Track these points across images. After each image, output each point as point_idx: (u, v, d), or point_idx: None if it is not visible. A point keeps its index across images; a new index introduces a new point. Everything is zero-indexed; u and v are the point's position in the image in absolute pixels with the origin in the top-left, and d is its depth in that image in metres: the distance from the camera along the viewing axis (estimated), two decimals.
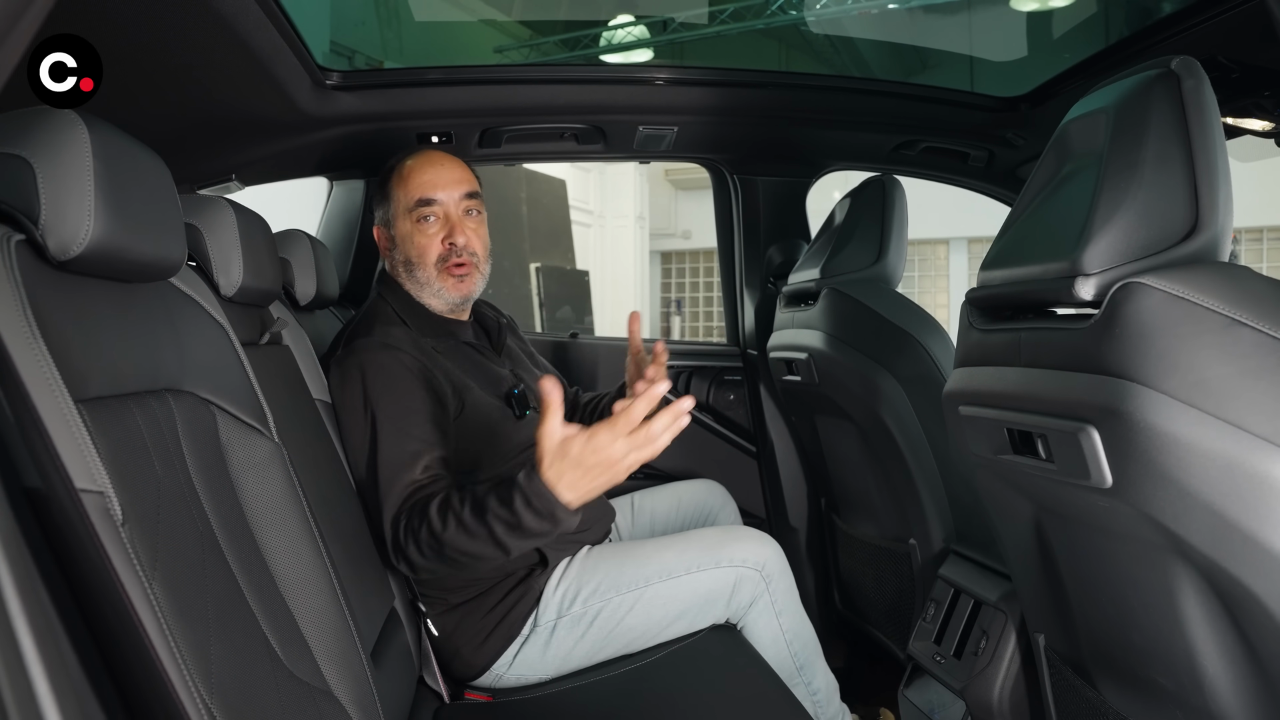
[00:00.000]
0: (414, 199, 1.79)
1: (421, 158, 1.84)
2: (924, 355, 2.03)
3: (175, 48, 1.48)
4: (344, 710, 1.15)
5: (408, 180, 1.81)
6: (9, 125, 0.87)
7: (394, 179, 1.83)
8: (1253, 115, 1.67)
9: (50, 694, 0.58)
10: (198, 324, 1.16)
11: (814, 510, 2.67)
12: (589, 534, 1.84)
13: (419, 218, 1.79)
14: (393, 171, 1.85)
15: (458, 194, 1.81)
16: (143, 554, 0.82)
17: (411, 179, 1.80)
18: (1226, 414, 0.94)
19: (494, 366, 1.86)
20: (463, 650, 1.70)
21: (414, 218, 1.79)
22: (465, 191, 1.82)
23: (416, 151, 1.87)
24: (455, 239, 1.79)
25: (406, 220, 1.80)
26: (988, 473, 1.38)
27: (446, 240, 1.79)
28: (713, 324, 16.02)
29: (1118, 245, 1.05)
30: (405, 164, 1.84)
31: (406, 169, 1.82)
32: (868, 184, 2.31)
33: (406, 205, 1.80)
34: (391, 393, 1.62)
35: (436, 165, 1.82)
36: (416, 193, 1.79)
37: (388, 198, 1.84)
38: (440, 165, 1.82)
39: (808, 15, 9.72)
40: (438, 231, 1.79)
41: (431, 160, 1.83)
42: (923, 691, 1.98)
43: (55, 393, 0.79)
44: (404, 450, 1.58)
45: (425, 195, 1.79)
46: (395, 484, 1.55)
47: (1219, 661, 1.08)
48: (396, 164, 1.86)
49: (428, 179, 1.80)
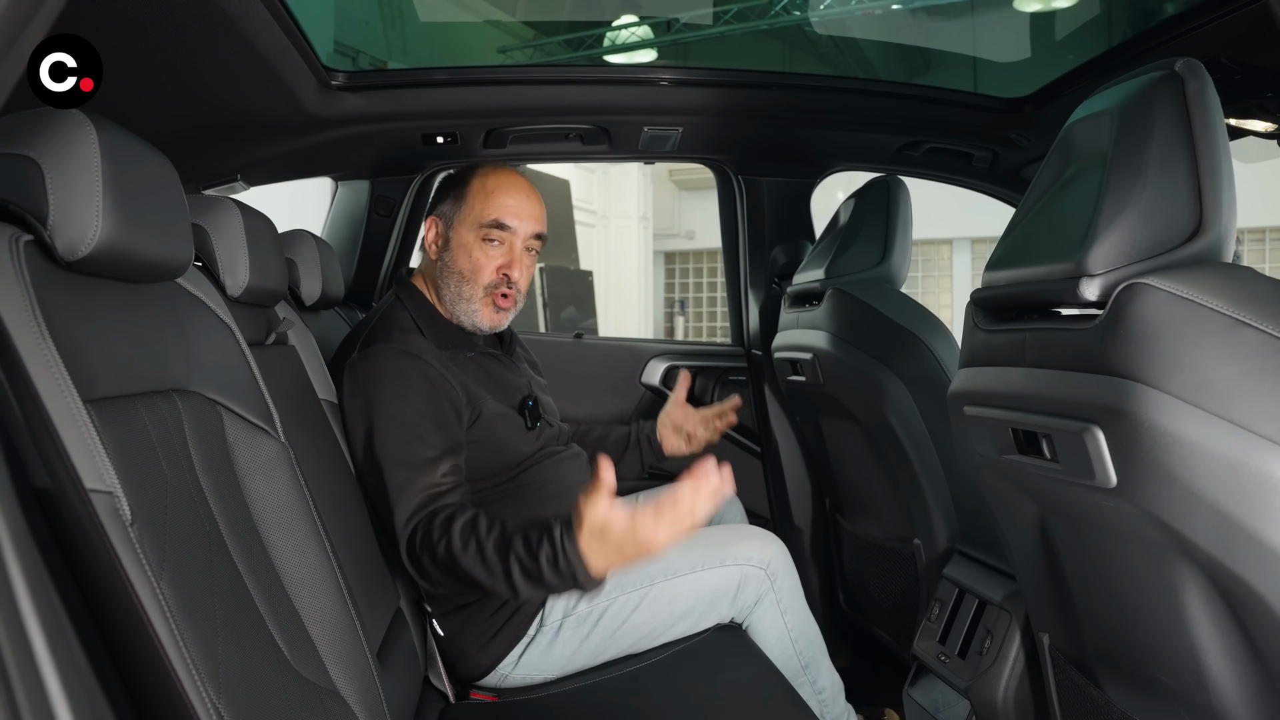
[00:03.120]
0: (490, 217, 1.77)
1: (510, 179, 1.83)
2: (928, 355, 2.03)
3: (181, 48, 1.49)
4: (350, 710, 1.16)
5: (491, 195, 1.79)
6: (16, 126, 0.88)
7: (476, 184, 1.81)
8: (1256, 116, 1.67)
9: (61, 692, 0.58)
10: (204, 324, 1.16)
11: (818, 510, 2.67)
12: None
13: (487, 237, 1.78)
14: (475, 175, 1.83)
15: (530, 230, 1.80)
16: (151, 554, 0.83)
17: (495, 196, 1.79)
18: (1230, 414, 0.94)
19: (509, 376, 1.86)
20: (468, 650, 1.71)
21: (482, 235, 1.78)
22: (536, 231, 1.82)
23: (504, 168, 1.86)
24: (512, 271, 1.79)
25: (473, 233, 1.78)
26: (992, 473, 1.38)
27: (503, 269, 1.78)
28: (716, 324, 16.02)
29: (1122, 246, 1.05)
30: (492, 177, 1.82)
31: (493, 184, 1.81)
32: (872, 184, 2.31)
33: (480, 218, 1.78)
34: (409, 399, 1.62)
35: (523, 195, 1.81)
36: (495, 213, 1.78)
37: (461, 200, 1.81)
38: (526, 196, 1.82)
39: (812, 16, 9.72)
40: (499, 257, 1.79)
41: (519, 187, 1.82)
42: (927, 691, 1.98)
43: (64, 393, 0.80)
44: (420, 455, 1.58)
45: (503, 219, 1.77)
46: (411, 486, 1.55)
47: (1223, 660, 1.08)
48: (482, 170, 1.84)
49: (511, 204, 1.79)
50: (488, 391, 1.76)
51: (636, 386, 2.80)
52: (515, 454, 1.77)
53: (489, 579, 1.42)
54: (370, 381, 1.65)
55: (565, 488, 1.82)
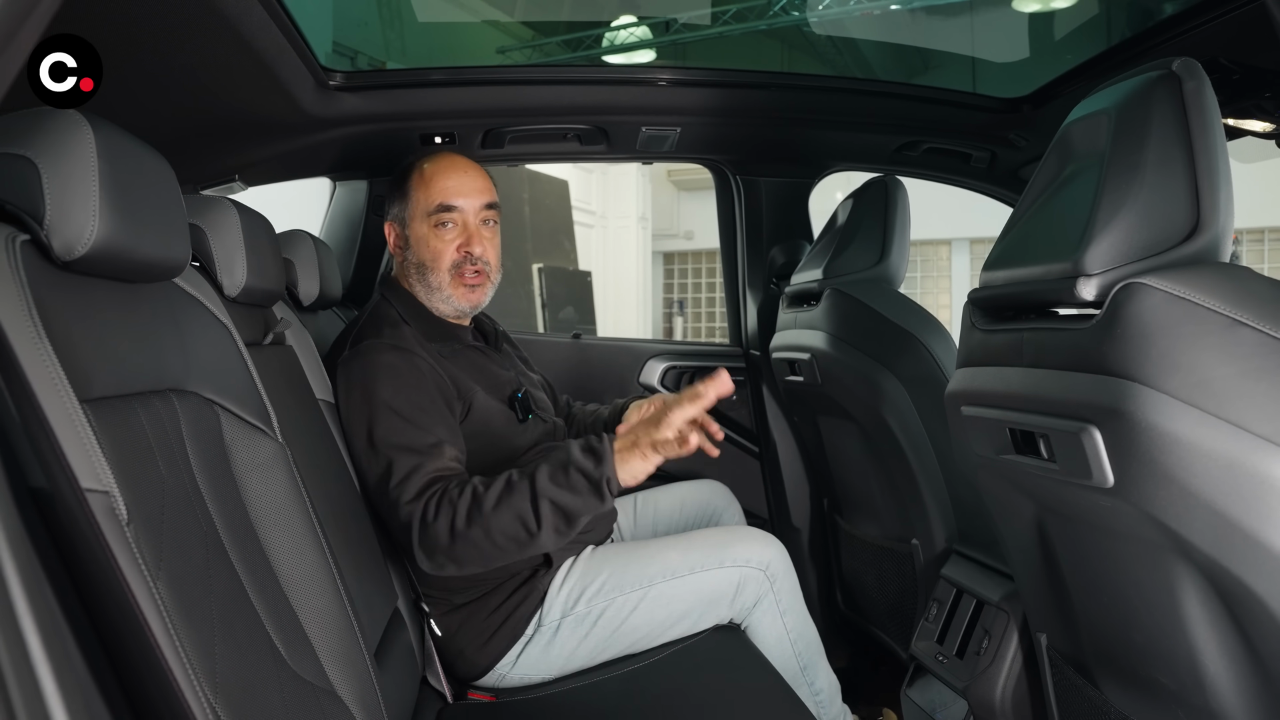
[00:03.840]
0: (435, 203, 1.78)
1: (444, 161, 1.82)
2: (926, 355, 2.03)
3: (179, 49, 1.49)
4: (347, 710, 1.15)
5: (430, 183, 1.79)
6: (13, 126, 0.88)
7: (414, 178, 1.81)
8: (1254, 116, 1.67)
9: (57, 692, 0.58)
10: (201, 324, 1.16)
11: (816, 510, 2.67)
12: (592, 534, 1.84)
13: (438, 223, 1.78)
14: (412, 170, 1.83)
15: (479, 203, 1.80)
16: (148, 553, 0.83)
17: (434, 183, 1.79)
18: (1228, 414, 0.94)
19: (498, 369, 1.86)
20: (466, 650, 1.71)
21: (432, 222, 1.78)
22: (486, 201, 1.81)
23: (437, 153, 1.85)
24: (472, 248, 1.79)
25: (424, 223, 1.79)
26: (990, 473, 1.38)
27: (463, 248, 1.79)
28: (715, 325, 16.02)
29: (1119, 246, 1.05)
30: (427, 165, 1.82)
31: (429, 171, 1.81)
32: (870, 185, 2.32)
33: (426, 208, 1.78)
34: (405, 392, 1.63)
35: (460, 172, 1.81)
36: (438, 197, 1.78)
37: (405, 196, 1.82)
38: (464, 172, 1.81)
39: (810, 16, 9.71)
40: (455, 238, 1.79)
41: (455, 166, 1.82)
42: (925, 691, 1.98)
43: (60, 393, 0.80)
44: (425, 441, 1.58)
45: (446, 201, 1.78)
46: (420, 470, 1.55)
47: (1220, 661, 1.08)
48: (417, 163, 1.84)
49: (451, 185, 1.79)
50: (477, 383, 1.76)
51: (635, 387, 2.80)
52: (510, 448, 1.77)
53: (514, 512, 1.48)
54: (364, 376, 1.65)
55: None
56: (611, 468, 1.48)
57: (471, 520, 1.48)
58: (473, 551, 1.51)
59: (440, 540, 1.50)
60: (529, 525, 1.48)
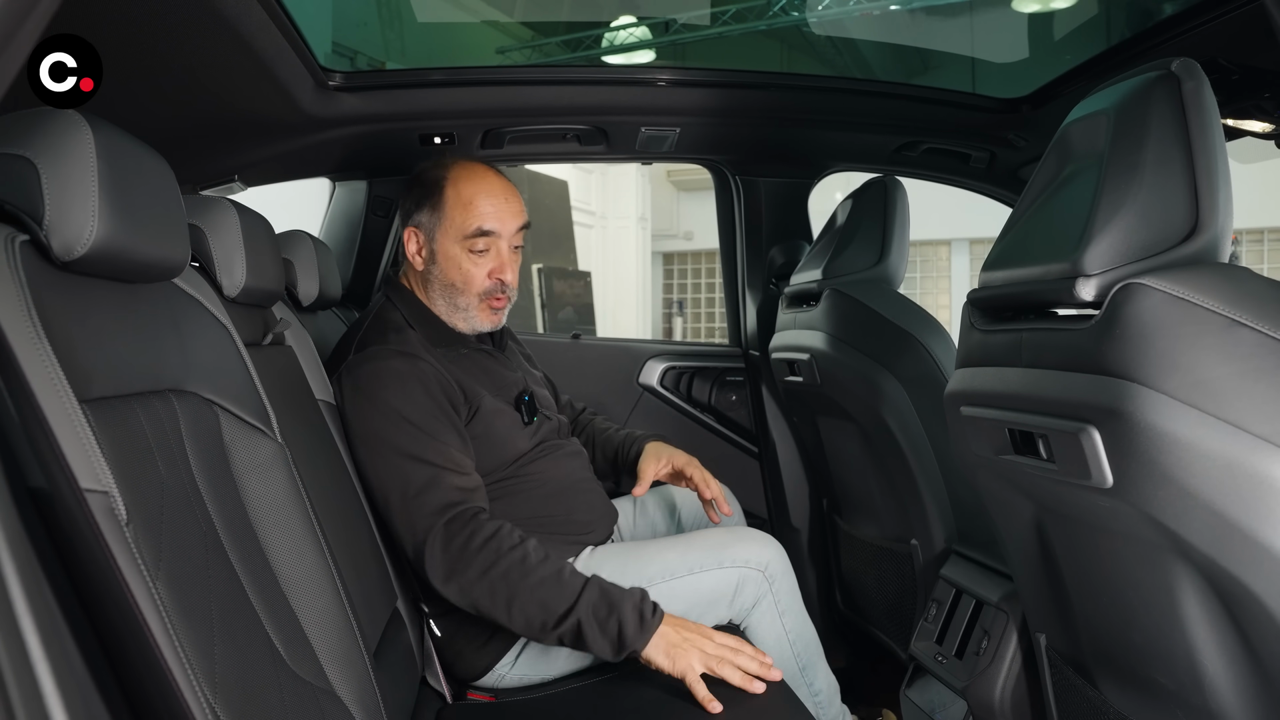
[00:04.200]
0: (473, 227, 1.74)
1: (483, 183, 1.78)
2: (925, 356, 2.03)
3: (178, 49, 1.49)
4: (347, 710, 1.15)
5: (469, 205, 1.75)
6: (12, 126, 0.88)
7: (451, 194, 1.76)
8: (1253, 117, 1.67)
9: (56, 693, 0.58)
10: (201, 324, 1.16)
11: (816, 511, 2.67)
12: (592, 535, 1.84)
13: (473, 248, 1.75)
14: (447, 183, 1.77)
15: (515, 226, 1.78)
16: (147, 554, 0.83)
17: (475, 206, 1.75)
18: (1227, 414, 0.94)
19: (504, 371, 1.86)
20: (466, 651, 1.70)
21: (467, 246, 1.75)
22: (520, 225, 1.80)
23: (472, 168, 1.80)
24: (505, 275, 1.78)
25: (458, 245, 1.76)
26: (989, 473, 1.38)
27: (495, 274, 1.77)
28: (714, 325, 16.02)
29: (1118, 246, 1.05)
30: (465, 185, 1.77)
31: (468, 191, 1.76)
32: (869, 185, 2.32)
33: (463, 230, 1.75)
34: (414, 397, 1.62)
35: (500, 197, 1.77)
36: (477, 221, 1.74)
37: (437, 210, 1.77)
38: (505, 198, 1.78)
39: (810, 16, 9.71)
40: (489, 264, 1.77)
41: (495, 189, 1.78)
42: (924, 691, 1.98)
43: (60, 393, 0.80)
44: (439, 451, 1.58)
45: (485, 226, 1.75)
46: (439, 482, 1.55)
47: (1219, 661, 1.08)
48: (450, 176, 1.78)
49: (491, 210, 1.75)
50: (484, 387, 1.76)
51: (634, 387, 2.80)
52: (513, 449, 1.76)
53: (544, 602, 1.48)
54: (371, 383, 1.64)
55: (566, 486, 1.83)
56: (647, 640, 1.47)
57: (508, 579, 1.49)
58: (487, 601, 1.51)
59: (465, 572, 1.51)
60: (546, 622, 1.49)
